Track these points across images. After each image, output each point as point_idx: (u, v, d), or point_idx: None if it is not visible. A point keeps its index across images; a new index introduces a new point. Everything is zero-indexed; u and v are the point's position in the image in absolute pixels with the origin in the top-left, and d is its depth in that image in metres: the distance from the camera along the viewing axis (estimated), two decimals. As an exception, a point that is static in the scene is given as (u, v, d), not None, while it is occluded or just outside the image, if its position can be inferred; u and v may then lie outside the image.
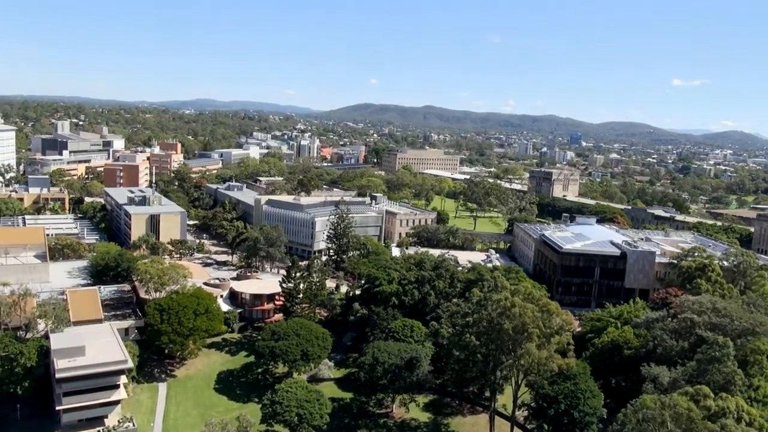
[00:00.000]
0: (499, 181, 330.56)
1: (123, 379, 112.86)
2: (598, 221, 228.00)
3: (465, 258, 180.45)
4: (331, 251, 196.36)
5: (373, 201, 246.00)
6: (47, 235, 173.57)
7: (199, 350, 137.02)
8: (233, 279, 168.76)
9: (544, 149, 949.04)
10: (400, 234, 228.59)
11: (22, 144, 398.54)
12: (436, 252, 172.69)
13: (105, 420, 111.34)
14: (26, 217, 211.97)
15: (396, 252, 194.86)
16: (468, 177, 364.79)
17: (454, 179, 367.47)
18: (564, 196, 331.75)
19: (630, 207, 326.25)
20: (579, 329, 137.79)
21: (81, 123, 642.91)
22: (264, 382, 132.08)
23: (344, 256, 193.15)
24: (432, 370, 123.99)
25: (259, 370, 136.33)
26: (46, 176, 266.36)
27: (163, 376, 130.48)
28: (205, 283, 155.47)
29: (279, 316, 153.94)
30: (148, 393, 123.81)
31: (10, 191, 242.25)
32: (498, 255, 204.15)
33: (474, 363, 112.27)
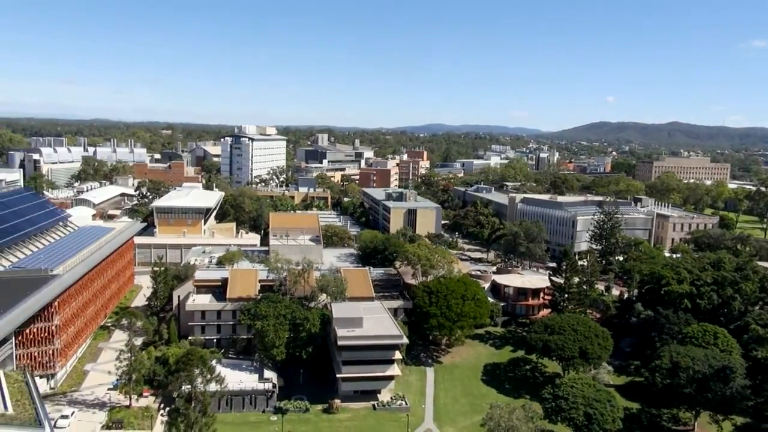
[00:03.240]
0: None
1: (397, 355, 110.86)
2: None
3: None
4: (595, 252, 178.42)
5: (638, 204, 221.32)
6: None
7: (464, 339, 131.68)
8: (494, 273, 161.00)
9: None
10: (672, 239, 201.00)
11: (287, 156, 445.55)
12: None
13: (378, 395, 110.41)
14: (297, 211, 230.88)
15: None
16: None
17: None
18: None
19: None
20: None
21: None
22: (533, 379, 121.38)
23: (611, 258, 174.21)
24: (748, 386, 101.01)
25: (528, 366, 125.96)
26: (313, 178, 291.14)
27: (429, 361, 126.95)
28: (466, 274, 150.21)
29: (545, 313, 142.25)
30: (416, 375, 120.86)
31: (284, 190, 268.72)
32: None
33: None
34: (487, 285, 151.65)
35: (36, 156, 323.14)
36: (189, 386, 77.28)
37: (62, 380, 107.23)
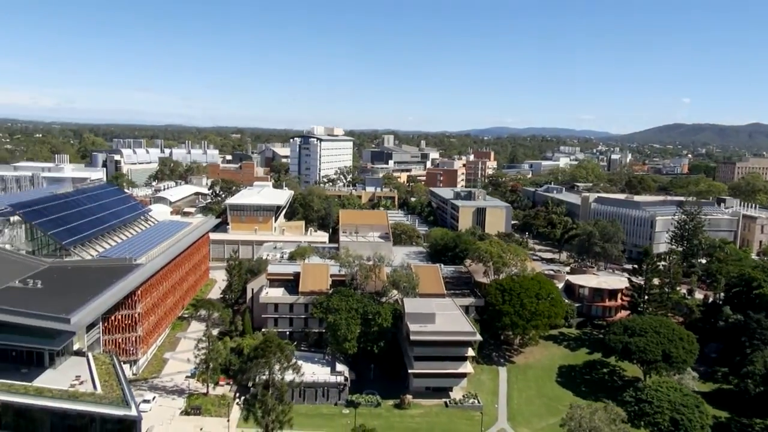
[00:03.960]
0: None
1: (470, 352, 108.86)
2: None
3: None
4: (677, 254, 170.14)
5: (721, 205, 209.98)
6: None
7: (538, 340, 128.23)
8: (568, 273, 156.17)
9: None
10: (760, 242, 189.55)
11: (353, 158, 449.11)
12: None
13: (450, 392, 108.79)
14: (364, 210, 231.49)
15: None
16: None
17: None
18: None
19: None
20: None
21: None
22: (611, 383, 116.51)
23: (694, 260, 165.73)
24: None
25: (605, 369, 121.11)
26: (380, 177, 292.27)
27: (501, 360, 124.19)
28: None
29: (622, 315, 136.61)
30: (488, 375, 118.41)
31: (351, 190, 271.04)
32: None
33: None
34: (560, 285, 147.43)
35: (117, 157, 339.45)
36: (266, 373, 78.08)
37: (143, 367, 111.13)
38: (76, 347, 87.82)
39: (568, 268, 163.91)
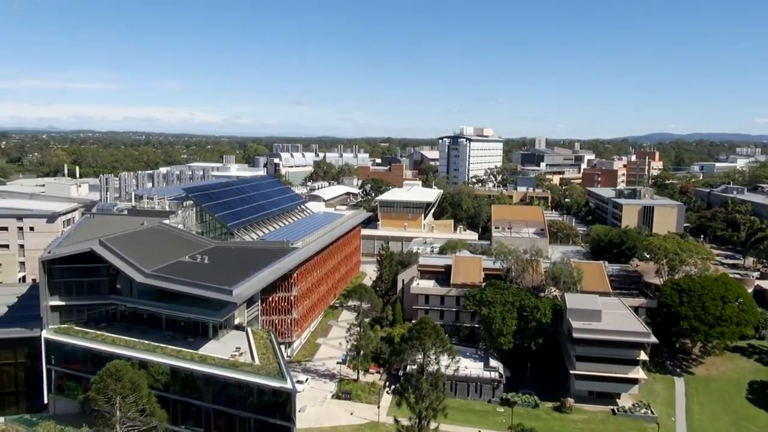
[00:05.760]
0: None
1: (642, 356, 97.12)
2: None
3: None
4: None
5: None
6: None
7: (723, 350, 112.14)
8: (757, 278, 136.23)
9: None
10: None
11: (503, 161, 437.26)
12: None
13: (617, 399, 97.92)
14: (517, 206, 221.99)
15: None
16: None
17: None
18: None
19: None
20: None
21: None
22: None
23: None
24: None
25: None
26: (532, 177, 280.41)
27: (678, 370, 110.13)
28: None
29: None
30: (662, 384, 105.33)
31: (501, 190, 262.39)
32: None
33: None
34: (749, 290, 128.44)
35: (276, 160, 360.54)
36: (420, 357, 74.12)
37: (297, 350, 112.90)
38: (237, 322, 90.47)
39: (756, 273, 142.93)
